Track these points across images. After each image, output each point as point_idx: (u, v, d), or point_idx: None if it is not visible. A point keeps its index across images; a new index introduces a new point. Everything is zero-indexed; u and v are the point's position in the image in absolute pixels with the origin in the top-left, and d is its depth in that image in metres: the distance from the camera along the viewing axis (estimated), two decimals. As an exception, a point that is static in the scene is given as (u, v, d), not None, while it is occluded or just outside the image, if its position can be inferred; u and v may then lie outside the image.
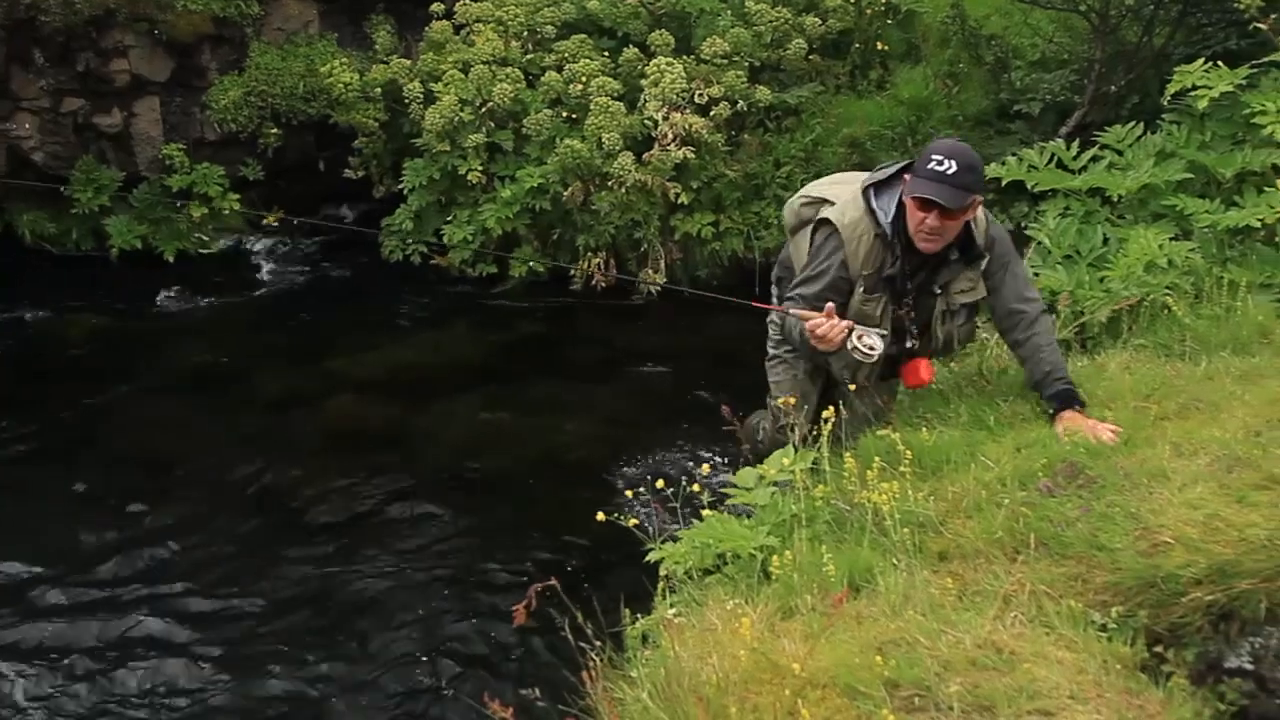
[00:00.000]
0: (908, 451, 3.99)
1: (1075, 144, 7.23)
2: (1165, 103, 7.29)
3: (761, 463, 4.39)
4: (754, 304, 5.35)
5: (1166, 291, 5.62)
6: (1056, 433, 4.33)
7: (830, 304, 4.60)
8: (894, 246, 4.68)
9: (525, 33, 11.38)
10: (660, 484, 3.81)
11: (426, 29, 11.57)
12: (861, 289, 4.73)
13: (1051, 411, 4.52)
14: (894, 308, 4.78)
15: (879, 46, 11.36)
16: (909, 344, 4.87)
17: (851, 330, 4.59)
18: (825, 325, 4.54)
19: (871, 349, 4.59)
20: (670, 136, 10.36)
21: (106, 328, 10.20)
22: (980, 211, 4.72)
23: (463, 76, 10.82)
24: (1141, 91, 9.13)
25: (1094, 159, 7.07)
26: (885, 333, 4.68)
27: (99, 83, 11.07)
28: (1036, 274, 6.17)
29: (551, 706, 3.26)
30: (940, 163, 4.43)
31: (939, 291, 4.78)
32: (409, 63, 11.40)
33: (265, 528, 7.27)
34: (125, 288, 10.82)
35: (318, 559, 6.93)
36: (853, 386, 4.99)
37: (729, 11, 11.28)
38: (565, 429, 8.39)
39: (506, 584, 6.54)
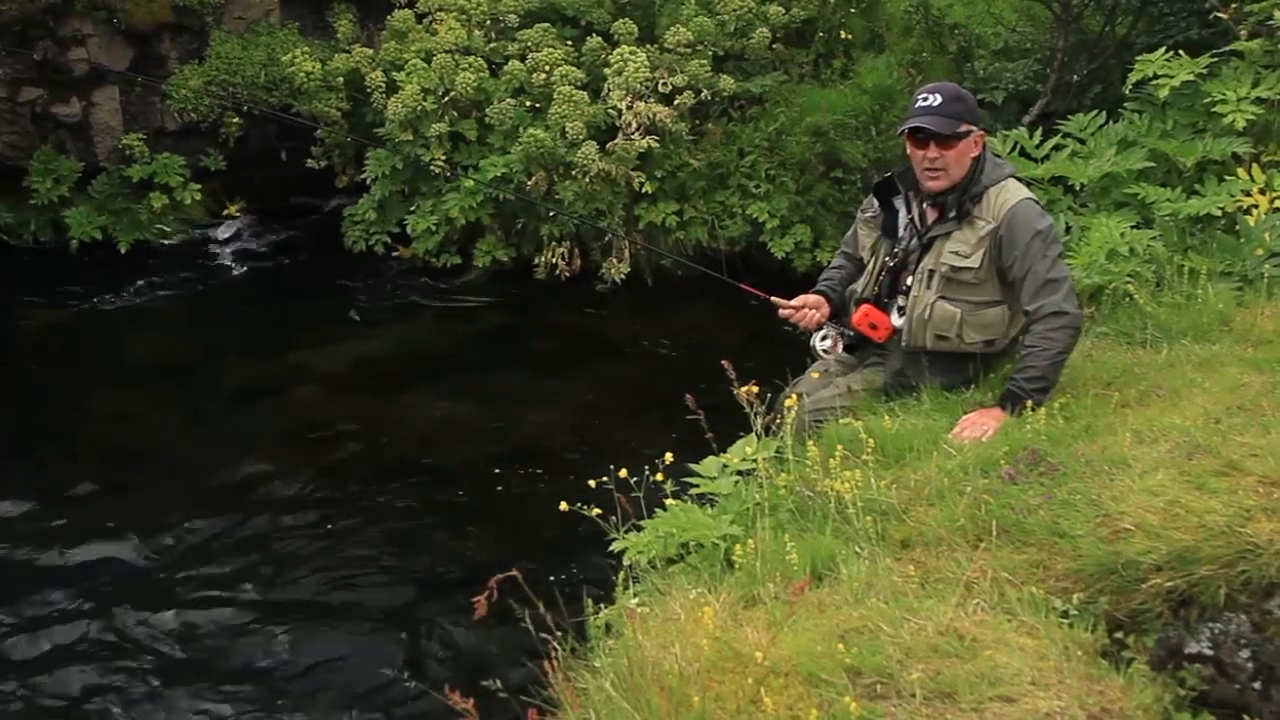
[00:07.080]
0: (870, 439, 3.99)
1: (1038, 132, 7.25)
2: (1127, 91, 7.33)
3: None
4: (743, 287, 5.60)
5: (1128, 279, 5.65)
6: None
7: (806, 297, 5.00)
8: (909, 201, 4.84)
9: (488, 21, 11.32)
10: (624, 473, 3.79)
11: (389, 17, 11.48)
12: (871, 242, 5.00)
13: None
14: (886, 256, 4.91)
15: (842, 35, 11.38)
16: (885, 299, 4.93)
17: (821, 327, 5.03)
18: (792, 313, 5.02)
19: (825, 352, 5.07)
20: (634, 126, 10.34)
21: (66, 320, 10.10)
22: (1008, 185, 4.66)
23: (425, 65, 10.76)
24: (1104, 80, 9.18)
25: (1056, 147, 7.10)
26: (834, 335, 5.03)
27: (57, 72, 10.94)
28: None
29: (513, 697, 3.23)
30: (926, 99, 4.64)
31: (928, 245, 4.74)
32: (371, 52, 11.33)
33: (226, 519, 7.19)
34: (85, 279, 10.70)
35: (278, 551, 6.88)
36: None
37: (693, 0, 11.25)
38: (529, 419, 8.37)
39: (468, 575, 6.50)
